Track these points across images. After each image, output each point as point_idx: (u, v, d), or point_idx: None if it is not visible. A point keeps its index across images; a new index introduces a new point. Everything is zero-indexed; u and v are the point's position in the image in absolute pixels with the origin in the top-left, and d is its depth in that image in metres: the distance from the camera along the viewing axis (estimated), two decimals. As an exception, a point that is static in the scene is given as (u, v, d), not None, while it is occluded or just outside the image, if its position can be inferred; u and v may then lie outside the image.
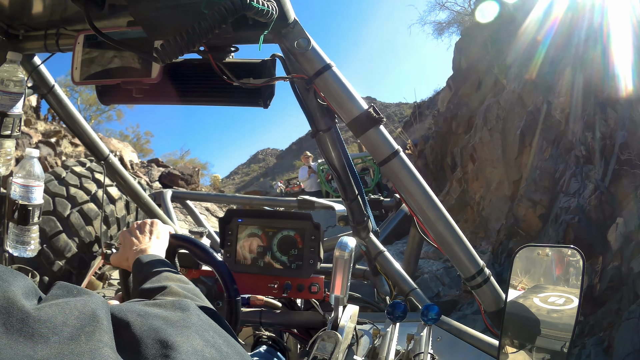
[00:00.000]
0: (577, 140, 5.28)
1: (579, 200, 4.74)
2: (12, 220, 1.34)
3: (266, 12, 0.93)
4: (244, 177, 54.04)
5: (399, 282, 1.91)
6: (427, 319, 1.26)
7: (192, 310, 0.65)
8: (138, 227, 1.22)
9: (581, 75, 5.51)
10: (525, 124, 6.71)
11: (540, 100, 6.56)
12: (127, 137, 21.55)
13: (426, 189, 1.22)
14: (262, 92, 1.26)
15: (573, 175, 5.08)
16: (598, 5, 5.69)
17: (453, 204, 8.29)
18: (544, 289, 1.15)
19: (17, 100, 1.35)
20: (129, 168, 13.30)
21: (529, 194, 5.77)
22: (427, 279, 5.98)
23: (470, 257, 1.27)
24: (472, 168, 8.21)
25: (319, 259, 1.55)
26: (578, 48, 5.82)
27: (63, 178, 2.61)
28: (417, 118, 15.60)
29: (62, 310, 0.47)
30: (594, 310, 3.90)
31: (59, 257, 2.37)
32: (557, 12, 6.62)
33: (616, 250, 3.97)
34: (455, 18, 15.82)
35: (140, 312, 0.57)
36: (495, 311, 1.32)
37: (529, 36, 7.31)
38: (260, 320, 1.52)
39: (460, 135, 9.65)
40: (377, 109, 1.17)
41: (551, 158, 5.84)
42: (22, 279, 0.50)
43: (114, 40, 1.12)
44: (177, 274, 0.95)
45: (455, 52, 11.76)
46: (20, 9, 1.30)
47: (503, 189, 7.19)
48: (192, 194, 3.51)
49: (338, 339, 1.10)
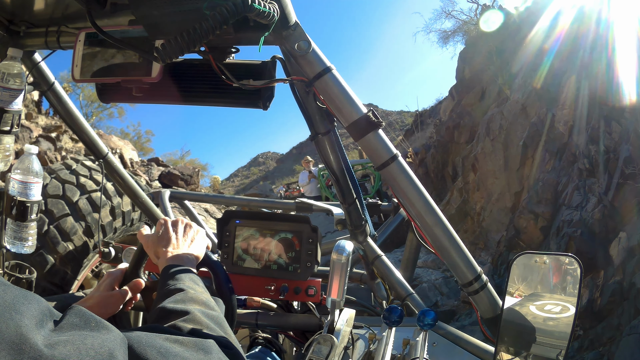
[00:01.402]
0: (580, 153, 5.25)
1: (582, 213, 4.70)
2: (10, 216, 1.33)
3: (267, 13, 0.93)
4: (243, 180, 54.12)
5: (395, 287, 1.91)
6: (424, 324, 1.26)
7: (214, 353, 0.63)
8: (183, 225, 1.17)
9: (586, 88, 5.51)
10: (528, 135, 6.69)
11: (543, 111, 6.55)
12: (128, 135, 21.54)
13: (424, 194, 1.22)
14: (262, 93, 1.26)
15: (576, 188, 5.06)
16: (604, 17, 5.69)
17: (453, 213, 8.27)
18: (541, 296, 1.15)
19: (17, 96, 1.35)
20: (128, 166, 13.28)
21: (531, 206, 5.75)
22: (426, 288, 5.97)
23: (468, 263, 1.27)
24: (473, 178, 8.19)
25: (317, 261, 1.55)
26: (583, 60, 5.82)
27: (74, 169, 2.70)
28: (419, 126, 15.57)
29: (77, 350, 0.45)
30: (594, 324, 3.88)
31: (65, 239, 2.45)
32: (563, 24, 6.62)
33: (618, 264, 3.94)
34: (461, 27, 15.86)
35: (160, 349, 0.56)
36: (491, 318, 1.32)
37: (534, 47, 7.32)
38: (257, 321, 1.51)
39: (462, 144, 9.67)
40: (376, 113, 1.17)
41: (554, 170, 5.82)
42: (35, 304, 0.48)
43: (115, 38, 1.12)
44: (205, 293, 0.91)
45: (459, 61, 11.80)
46: (22, 5, 1.30)
47: (504, 200, 7.17)
48: (191, 194, 3.50)
49: (334, 343, 1.10)
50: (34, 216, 1.35)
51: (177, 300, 0.83)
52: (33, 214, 1.35)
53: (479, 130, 8.42)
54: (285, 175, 41.59)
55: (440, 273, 6.57)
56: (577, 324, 3.93)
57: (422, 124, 15.76)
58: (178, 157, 26.39)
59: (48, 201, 2.42)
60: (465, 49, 12.05)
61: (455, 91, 11.65)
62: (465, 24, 15.52)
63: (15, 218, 1.33)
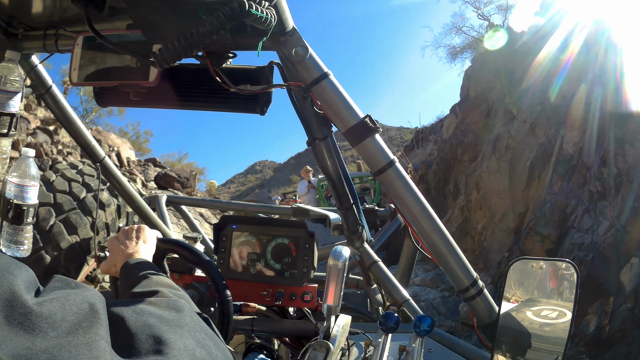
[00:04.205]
0: (591, 175, 5.15)
1: (593, 237, 4.58)
2: (6, 220, 1.33)
3: (264, 19, 0.93)
4: (239, 187, 54.05)
5: (392, 293, 1.90)
6: (420, 331, 1.25)
7: (186, 311, 0.67)
8: (125, 232, 1.20)
9: (596, 110, 5.45)
10: (536, 156, 6.58)
11: (552, 132, 6.46)
12: (127, 134, 21.30)
13: (421, 199, 1.22)
14: (259, 98, 1.26)
15: (586, 211, 4.94)
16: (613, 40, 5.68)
17: (454, 232, 8.05)
18: (538, 302, 1.15)
19: (15, 99, 1.34)
20: (125, 165, 13.17)
21: (538, 227, 5.62)
22: (424, 307, 5.92)
23: (464, 269, 1.27)
24: (476, 197, 8.05)
25: (313, 267, 1.54)
26: (594, 82, 5.76)
27: (80, 169, 2.86)
28: (419, 143, 15.49)
29: (61, 305, 0.49)
30: (601, 352, 3.80)
31: (71, 232, 2.58)
32: (573, 46, 6.56)
33: (630, 291, 3.85)
34: (470, 44, 15.81)
35: (135, 309, 0.60)
36: (488, 324, 1.32)
37: (544, 67, 7.25)
38: (252, 327, 1.50)
39: (465, 162, 9.55)
40: (373, 119, 1.17)
41: (562, 192, 5.72)
42: (25, 271, 0.52)
43: (112, 42, 1.13)
44: (167, 278, 0.94)
45: (465, 79, 11.80)
46: (20, 8, 1.30)
47: (507, 221, 7.05)
48: (187, 199, 3.50)
49: (329, 349, 1.10)
50: (30, 219, 1.35)
51: (144, 285, 0.87)
52: (29, 217, 1.34)
53: (485, 148, 8.29)
54: (281, 184, 41.56)
55: (439, 292, 6.48)
56: (584, 350, 3.86)
57: (422, 140, 15.70)
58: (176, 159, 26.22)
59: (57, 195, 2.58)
60: (472, 67, 12.02)
61: (459, 109, 11.61)
62: (474, 41, 15.45)
63: (11, 221, 1.32)
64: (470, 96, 11.04)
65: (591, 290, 4.19)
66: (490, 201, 7.57)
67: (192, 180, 14.33)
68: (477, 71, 11.20)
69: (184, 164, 24.33)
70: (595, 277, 4.23)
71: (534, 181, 6.63)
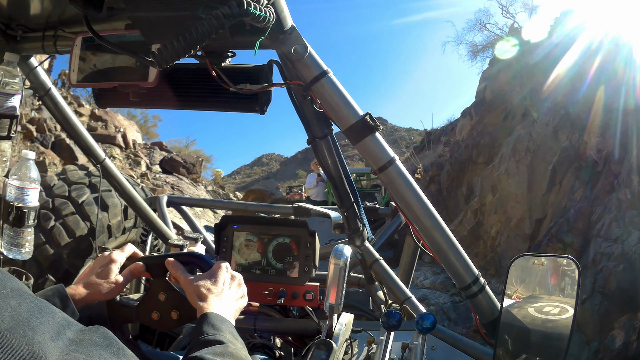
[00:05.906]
0: (619, 183, 4.98)
1: (624, 247, 4.37)
2: (7, 222, 1.33)
3: (263, 17, 0.93)
4: (245, 178, 53.97)
5: (394, 291, 1.90)
6: (422, 328, 1.25)
7: None
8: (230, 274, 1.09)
9: (619, 115, 5.32)
10: (558, 160, 6.33)
11: (576, 137, 6.23)
12: (135, 117, 20.83)
13: (422, 197, 1.22)
14: (259, 98, 1.26)
15: (615, 219, 4.73)
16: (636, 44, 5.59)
17: (465, 235, 7.90)
18: (539, 298, 1.15)
19: (14, 101, 1.35)
20: (130, 147, 12.98)
21: (560, 234, 5.37)
22: (433, 312, 5.86)
23: (466, 266, 1.27)
24: (491, 200, 7.78)
25: (314, 266, 1.54)
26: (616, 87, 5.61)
27: (89, 170, 2.87)
28: (429, 144, 15.26)
29: None
30: None
31: (70, 234, 2.58)
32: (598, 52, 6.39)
33: None
34: (492, 42, 15.37)
35: None
36: (490, 321, 1.32)
37: (568, 71, 7.06)
38: (255, 326, 1.50)
39: (480, 164, 9.27)
40: (373, 117, 1.17)
41: (585, 199, 5.49)
42: (50, 317, 0.47)
43: (111, 43, 1.12)
44: (244, 350, 0.87)
45: (482, 80, 11.65)
46: (19, 9, 1.30)
47: (523, 227, 6.80)
48: (188, 199, 3.51)
49: (332, 347, 1.10)
50: (30, 222, 1.35)
51: (216, 353, 0.79)
52: (30, 219, 1.34)
53: (503, 150, 7.98)
54: (287, 178, 41.42)
55: (449, 297, 6.33)
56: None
57: (432, 141, 15.50)
58: (183, 145, 25.74)
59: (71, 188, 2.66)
60: (489, 69, 11.80)
61: (475, 110, 11.40)
62: (497, 38, 14.98)
63: (12, 224, 1.32)
64: (487, 97, 10.79)
65: (620, 303, 4.04)
66: (506, 205, 7.32)
67: (198, 167, 14.05)
68: (495, 72, 10.93)
69: (190, 150, 23.96)
70: (626, 290, 4.04)
71: (555, 187, 6.40)
